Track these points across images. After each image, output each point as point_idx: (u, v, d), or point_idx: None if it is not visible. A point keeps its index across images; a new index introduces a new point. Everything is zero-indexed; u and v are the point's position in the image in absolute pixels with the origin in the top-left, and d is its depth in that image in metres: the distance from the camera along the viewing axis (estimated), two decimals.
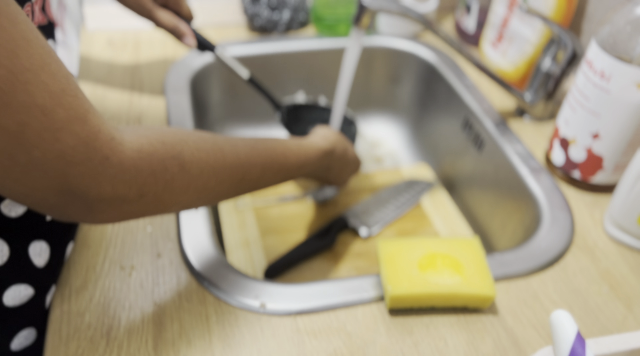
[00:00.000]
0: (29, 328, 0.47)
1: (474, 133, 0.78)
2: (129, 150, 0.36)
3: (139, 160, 0.37)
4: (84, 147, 0.33)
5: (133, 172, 0.36)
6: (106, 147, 0.34)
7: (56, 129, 0.32)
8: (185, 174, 0.40)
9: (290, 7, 0.89)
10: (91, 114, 0.34)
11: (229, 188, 0.46)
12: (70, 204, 0.35)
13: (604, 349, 0.41)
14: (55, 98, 0.31)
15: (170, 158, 0.39)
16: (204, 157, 0.42)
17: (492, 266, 0.54)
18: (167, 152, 0.39)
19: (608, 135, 0.59)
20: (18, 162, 0.31)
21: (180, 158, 0.40)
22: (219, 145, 0.44)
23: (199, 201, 0.44)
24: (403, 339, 0.48)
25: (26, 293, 0.45)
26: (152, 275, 0.52)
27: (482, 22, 0.88)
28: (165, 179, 0.39)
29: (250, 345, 0.47)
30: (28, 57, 0.30)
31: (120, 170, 0.35)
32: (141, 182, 0.37)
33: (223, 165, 0.44)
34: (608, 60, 0.56)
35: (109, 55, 0.83)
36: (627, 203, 0.56)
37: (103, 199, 0.36)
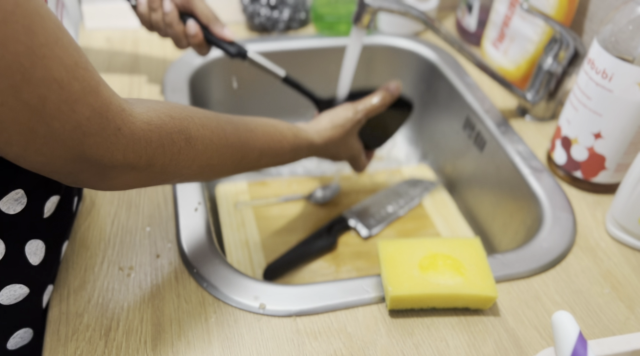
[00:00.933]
0: (25, 328, 0.47)
1: (476, 133, 0.77)
2: (139, 122, 0.38)
3: (149, 131, 0.38)
4: (98, 118, 0.34)
5: (143, 143, 0.38)
6: (118, 118, 0.36)
7: (73, 101, 0.33)
8: (190, 149, 0.42)
9: (290, 6, 0.89)
10: (102, 86, 0.35)
11: (229, 167, 0.48)
12: (85, 171, 0.37)
13: (606, 350, 0.40)
14: (70, 72, 0.32)
15: (178, 132, 0.41)
16: (208, 134, 0.44)
17: (493, 266, 0.54)
18: (175, 126, 0.41)
19: (610, 134, 0.59)
20: (38, 134, 0.33)
21: (187, 133, 0.41)
22: (221, 125, 0.46)
23: (201, 176, 0.46)
24: (404, 340, 0.48)
25: (21, 292, 0.45)
26: (151, 275, 0.52)
27: (484, 21, 0.88)
28: (173, 152, 0.40)
29: (250, 346, 0.46)
30: (43, 32, 0.31)
31: (131, 140, 0.37)
32: (150, 153, 0.39)
33: (225, 145, 0.46)
34: (610, 59, 0.55)
35: (108, 53, 0.83)
36: (629, 203, 0.56)
37: (115, 166, 0.37)
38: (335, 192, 0.80)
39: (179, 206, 0.58)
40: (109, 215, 0.57)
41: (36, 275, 0.46)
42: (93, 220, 0.56)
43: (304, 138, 0.58)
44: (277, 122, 0.55)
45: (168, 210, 0.58)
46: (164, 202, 0.59)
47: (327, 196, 0.79)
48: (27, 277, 0.45)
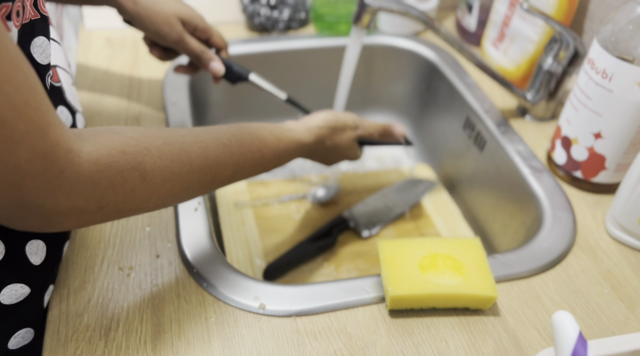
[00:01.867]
0: (26, 328, 0.47)
1: (476, 133, 0.77)
2: (86, 163, 0.35)
3: (97, 172, 0.36)
4: (40, 160, 0.33)
5: (90, 185, 0.36)
6: (63, 160, 0.34)
7: (14, 142, 0.31)
8: (146, 184, 0.39)
9: (290, 6, 0.89)
10: (52, 127, 0.33)
11: (196, 191, 0.45)
12: (27, 216, 0.35)
13: (606, 350, 0.40)
14: (16, 111, 0.31)
15: (130, 169, 0.38)
16: (167, 165, 0.41)
17: (493, 266, 0.54)
18: (127, 162, 0.38)
19: (610, 134, 0.59)
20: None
21: (141, 169, 0.39)
22: (185, 149, 0.43)
23: (164, 205, 0.43)
24: (404, 340, 0.48)
25: (22, 292, 0.45)
26: (150, 275, 0.52)
27: (484, 21, 0.88)
28: (125, 190, 0.38)
29: (250, 346, 0.46)
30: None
31: (76, 183, 0.35)
32: (99, 195, 0.36)
33: (189, 171, 0.43)
34: (610, 59, 0.55)
35: (108, 54, 0.83)
36: (629, 203, 0.56)
37: (60, 211, 0.35)
38: (335, 192, 0.80)
39: (178, 206, 0.58)
40: None
41: (37, 275, 0.46)
42: None
43: (290, 140, 0.54)
44: (258, 127, 0.52)
45: (168, 210, 0.58)
46: None
47: (327, 196, 0.79)
48: (29, 277, 0.45)
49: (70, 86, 0.53)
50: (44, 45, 0.42)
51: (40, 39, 0.42)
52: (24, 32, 0.40)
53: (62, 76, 0.51)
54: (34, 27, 0.41)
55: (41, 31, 0.42)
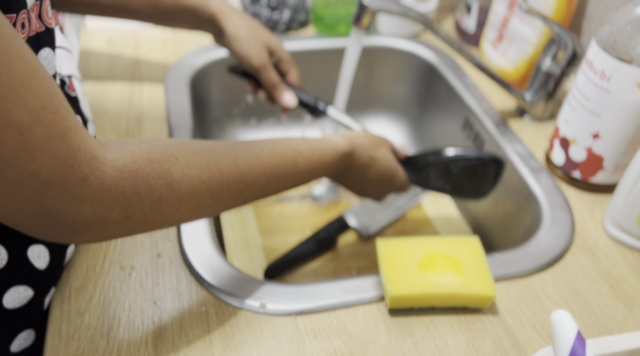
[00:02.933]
0: (28, 330, 0.47)
1: (474, 133, 0.78)
2: (110, 169, 0.34)
3: (121, 180, 0.35)
4: (61, 167, 0.31)
5: (114, 193, 0.34)
6: (85, 166, 0.33)
7: (32, 148, 0.30)
8: (174, 193, 0.38)
9: (290, 7, 0.89)
10: (73, 132, 0.32)
11: (227, 203, 0.43)
12: (50, 227, 0.34)
13: (604, 349, 0.40)
14: (33, 116, 0.30)
15: (157, 177, 0.37)
16: (196, 174, 0.39)
17: (492, 266, 0.54)
18: (154, 170, 0.37)
19: (608, 135, 0.59)
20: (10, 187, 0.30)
21: (168, 177, 0.37)
22: (215, 158, 0.41)
23: (195, 217, 0.41)
24: (403, 339, 0.48)
25: (25, 295, 0.45)
26: (152, 275, 0.52)
27: (482, 22, 0.88)
28: (152, 200, 0.36)
29: (250, 345, 0.47)
30: (7, 72, 0.29)
31: (100, 191, 0.34)
32: (124, 204, 0.35)
33: (219, 181, 0.41)
34: (608, 60, 0.56)
35: (109, 54, 0.83)
36: (628, 203, 0.56)
37: (84, 221, 0.34)
38: (335, 192, 0.80)
39: None
40: None
41: (41, 278, 0.46)
42: None
43: (325, 148, 0.51)
44: (291, 138, 0.49)
45: None
46: None
47: (328, 195, 0.79)
48: (32, 280, 0.45)
49: (82, 95, 0.52)
50: (49, 57, 0.42)
51: (46, 50, 0.42)
52: (30, 45, 0.39)
53: (77, 86, 0.50)
54: (39, 39, 0.41)
55: (46, 43, 0.42)
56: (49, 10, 0.42)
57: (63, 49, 0.49)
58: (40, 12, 0.40)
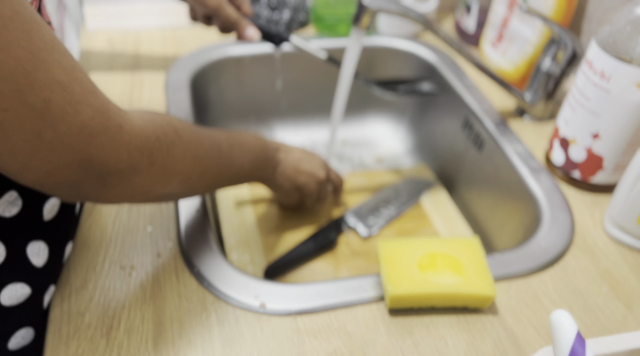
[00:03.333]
0: (26, 328, 0.47)
1: (474, 133, 0.78)
2: (135, 118, 0.39)
3: (144, 127, 0.40)
4: (101, 117, 0.35)
5: (143, 138, 0.39)
6: (118, 116, 0.37)
7: (76, 102, 0.34)
8: (180, 139, 0.43)
9: (290, 7, 0.89)
10: (97, 88, 0.36)
11: (213, 161, 0.48)
12: (89, 178, 0.37)
13: (604, 349, 0.41)
14: (69, 74, 0.33)
15: (166, 124, 0.42)
16: (187, 127, 0.46)
17: (492, 266, 0.54)
18: (162, 119, 0.43)
19: (608, 135, 0.59)
20: (45, 140, 0.33)
21: (173, 125, 0.43)
22: (189, 123, 0.48)
23: (195, 171, 0.46)
24: (403, 339, 0.48)
25: (23, 292, 0.45)
26: (152, 274, 0.52)
27: (482, 22, 0.88)
28: (167, 144, 0.42)
29: (250, 345, 0.47)
30: (41, 37, 0.32)
31: (133, 136, 0.38)
32: (150, 147, 0.40)
33: (200, 137, 0.47)
34: (608, 60, 0.56)
35: (109, 54, 0.83)
36: (627, 203, 0.56)
37: (120, 170, 0.38)
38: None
39: (180, 206, 0.59)
40: (111, 214, 0.57)
41: (39, 276, 0.46)
42: (94, 220, 0.57)
43: (266, 140, 0.60)
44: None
45: (169, 209, 0.59)
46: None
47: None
48: (30, 278, 0.45)
49: None
50: None
51: None
52: None
53: None
54: None
55: None
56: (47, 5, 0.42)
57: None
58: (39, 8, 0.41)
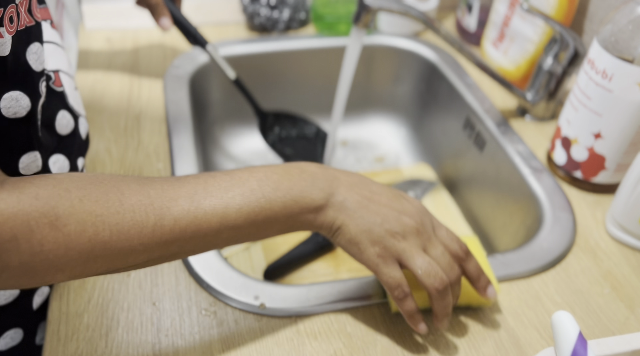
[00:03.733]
0: (15, 328, 0.47)
1: (475, 133, 0.77)
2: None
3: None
4: None
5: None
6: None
7: None
8: (57, 233, 0.32)
9: (290, 6, 0.89)
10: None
11: (138, 242, 0.35)
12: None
13: (606, 350, 0.40)
14: None
15: (39, 216, 0.32)
16: (88, 207, 0.34)
17: (493, 266, 0.54)
18: (37, 209, 0.32)
19: (610, 134, 0.59)
20: None
21: (52, 215, 0.32)
22: (119, 186, 0.36)
23: (95, 260, 0.35)
24: (404, 340, 0.48)
25: (12, 292, 0.44)
26: (150, 275, 0.52)
27: (484, 21, 0.88)
28: (32, 244, 0.32)
29: (250, 346, 0.46)
30: None
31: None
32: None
33: (119, 211, 0.35)
34: (610, 59, 0.55)
35: (108, 53, 0.83)
36: (629, 203, 0.56)
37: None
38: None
39: None
40: None
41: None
42: None
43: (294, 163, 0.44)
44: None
45: None
46: None
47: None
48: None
49: (73, 90, 0.52)
50: (39, 52, 0.42)
51: (36, 45, 0.41)
52: (20, 39, 0.39)
53: (64, 80, 0.50)
54: (29, 33, 0.40)
55: (36, 37, 0.41)
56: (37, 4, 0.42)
57: (52, 43, 0.49)
58: (30, 6, 0.40)
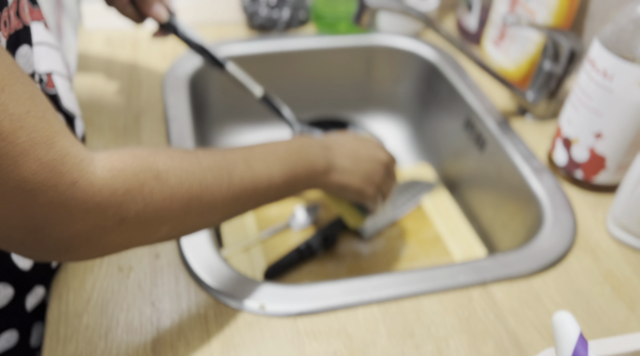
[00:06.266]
0: (10, 330, 0.47)
1: (476, 133, 0.77)
2: (99, 170, 0.34)
3: (111, 178, 0.34)
4: (48, 173, 0.31)
5: (107, 193, 0.34)
6: (75, 170, 0.32)
7: (16, 154, 0.29)
8: (163, 185, 0.37)
9: (290, 5, 0.89)
10: (60, 136, 0.32)
11: (217, 193, 0.42)
12: (41, 242, 0.32)
13: (607, 350, 0.40)
14: (15, 122, 0.29)
15: (145, 170, 0.36)
16: (178, 164, 0.39)
17: (494, 267, 0.54)
18: (140, 164, 0.36)
19: (611, 134, 0.59)
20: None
21: (155, 169, 0.37)
22: (193, 152, 0.42)
23: (190, 211, 0.40)
24: (404, 341, 0.47)
25: (5, 294, 0.44)
26: (150, 276, 0.52)
27: (484, 21, 0.88)
28: (143, 194, 0.36)
29: (250, 347, 0.46)
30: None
31: (91, 195, 0.33)
32: (117, 204, 0.34)
33: (202, 170, 0.41)
34: (611, 59, 0.55)
35: (107, 53, 0.83)
36: (630, 203, 0.56)
37: (77, 233, 0.33)
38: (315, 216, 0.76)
39: None
40: None
41: (23, 277, 0.46)
42: None
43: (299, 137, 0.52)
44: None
45: None
46: None
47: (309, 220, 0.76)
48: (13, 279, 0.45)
49: (68, 91, 0.52)
50: (28, 55, 0.42)
51: (24, 48, 0.41)
52: (9, 43, 0.39)
53: (58, 82, 0.50)
54: (18, 37, 0.40)
55: (24, 40, 0.41)
56: (25, 7, 0.42)
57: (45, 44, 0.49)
58: (17, 10, 0.40)
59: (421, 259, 0.71)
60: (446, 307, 0.50)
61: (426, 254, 0.71)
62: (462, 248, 0.72)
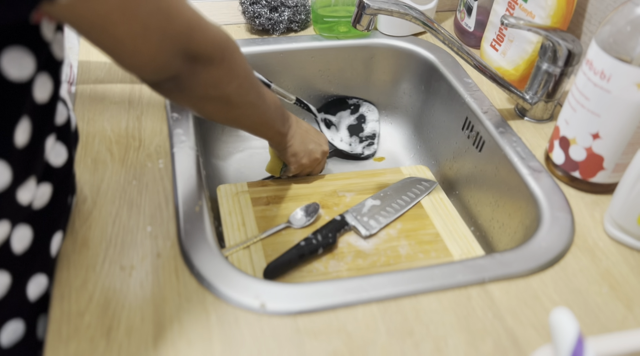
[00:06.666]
0: (14, 320, 0.47)
1: (474, 133, 0.78)
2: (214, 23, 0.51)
3: (221, 29, 0.51)
4: (197, 16, 0.47)
5: (222, 37, 0.50)
6: (205, 16, 0.48)
7: (182, 4, 0.45)
8: (238, 49, 0.54)
9: (290, 8, 0.89)
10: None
11: (254, 82, 0.58)
12: (181, 65, 0.47)
13: (604, 349, 0.40)
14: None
15: (229, 37, 0.53)
16: (239, 57, 0.56)
17: (492, 266, 0.54)
18: (228, 36, 0.52)
19: (608, 135, 0.59)
20: (160, 30, 0.43)
21: (231, 39, 0.53)
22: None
23: (245, 82, 0.56)
24: (403, 339, 0.48)
25: (3, 282, 0.44)
26: (152, 275, 0.52)
27: (483, 22, 0.88)
28: (232, 48, 0.52)
29: (250, 345, 0.47)
30: None
31: (215, 34, 0.49)
32: (223, 47, 0.51)
33: (255, 79, 0.59)
34: (608, 60, 0.56)
35: None
36: (627, 203, 0.56)
37: (204, 58, 0.48)
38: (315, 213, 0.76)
39: (179, 206, 0.59)
40: (110, 214, 0.57)
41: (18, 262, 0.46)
42: (94, 220, 0.57)
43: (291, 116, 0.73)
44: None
45: (169, 209, 0.59)
46: (164, 202, 0.60)
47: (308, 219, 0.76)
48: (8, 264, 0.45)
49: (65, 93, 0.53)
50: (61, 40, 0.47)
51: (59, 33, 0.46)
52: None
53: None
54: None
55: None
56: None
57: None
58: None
59: (420, 258, 0.71)
60: (445, 306, 0.51)
61: (425, 253, 0.72)
62: (461, 248, 0.73)
